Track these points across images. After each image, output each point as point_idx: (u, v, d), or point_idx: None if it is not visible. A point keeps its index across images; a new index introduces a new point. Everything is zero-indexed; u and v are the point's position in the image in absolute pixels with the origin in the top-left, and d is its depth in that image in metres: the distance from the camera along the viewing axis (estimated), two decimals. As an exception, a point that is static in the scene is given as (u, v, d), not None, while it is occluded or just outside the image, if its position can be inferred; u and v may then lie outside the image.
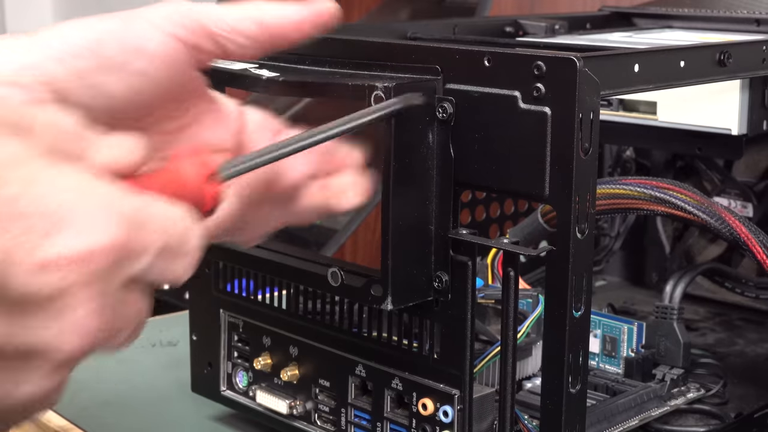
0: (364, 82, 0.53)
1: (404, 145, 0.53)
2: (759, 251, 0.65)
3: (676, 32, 0.86)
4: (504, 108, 0.52)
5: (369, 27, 0.76)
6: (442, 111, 0.54)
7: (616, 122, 0.78)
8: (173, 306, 1.38)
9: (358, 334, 0.61)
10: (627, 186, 0.67)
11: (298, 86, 0.58)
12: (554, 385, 0.52)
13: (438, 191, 0.55)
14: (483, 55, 0.53)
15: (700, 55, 0.60)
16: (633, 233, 0.94)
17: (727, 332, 0.84)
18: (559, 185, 0.51)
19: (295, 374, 0.65)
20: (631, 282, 0.96)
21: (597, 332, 0.72)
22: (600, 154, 0.95)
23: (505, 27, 0.83)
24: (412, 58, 0.56)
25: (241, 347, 0.69)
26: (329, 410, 0.64)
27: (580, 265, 0.51)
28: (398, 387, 0.59)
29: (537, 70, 0.51)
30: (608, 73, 0.53)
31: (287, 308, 0.65)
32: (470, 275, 0.55)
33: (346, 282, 0.57)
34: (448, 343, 0.56)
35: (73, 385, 0.75)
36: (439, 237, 0.55)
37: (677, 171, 0.91)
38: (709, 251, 0.91)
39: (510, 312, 0.54)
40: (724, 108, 0.72)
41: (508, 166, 0.53)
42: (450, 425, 0.57)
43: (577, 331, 0.52)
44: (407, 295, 0.55)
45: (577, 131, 0.50)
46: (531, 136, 0.51)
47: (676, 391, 0.69)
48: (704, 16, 0.86)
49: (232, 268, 0.67)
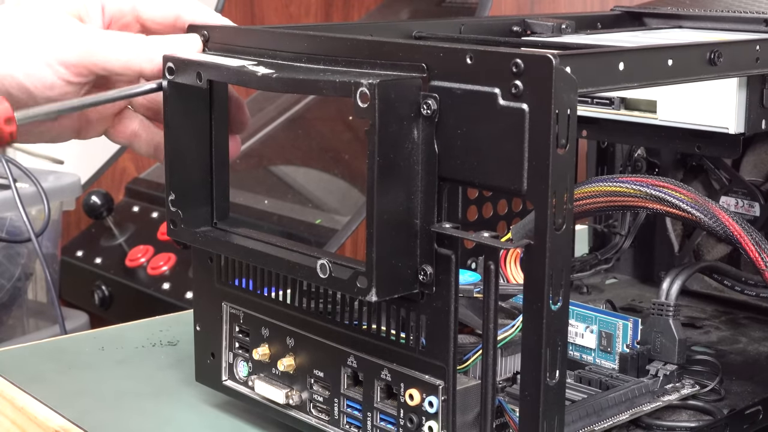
0: (351, 79, 0.55)
1: (389, 141, 0.55)
2: (751, 249, 0.65)
3: (686, 32, 0.86)
4: (485, 105, 0.53)
5: (375, 25, 0.77)
6: (427, 107, 0.55)
7: (617, 121, 0.79)
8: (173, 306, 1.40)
9: (350, 325, 0.63)
10: (623, 184, 0.68)
11: (290, 82, 0.60)
12: (532, 376, 0.54)
13: (422, 186, 0.56)
14: (465, 53, 0.54)
15: (689, 54, 0.61)
16: (643, 231, 0.95)
17: (731, 330, 0.85)
18: (536, 181, 0.52)
19: (291, 365, 0.67)
20: (641, 280, 0.97)
21: (594, 328, 0.73)
22: (612, 153, 0.96)
23: (513, 26, 0.84)
24: (399, 56, 0.57)
25: (242, 338, 0.70)
26: (323, 400, 0.65)
27: (558, 259, 0.52)
28: (387, 378, 0.61)
29: (515, 68, 0.52)
30: (589, 71, 0.54)
31: (284, 299, 0.67)
32: (454, 268, 0.56)
33: (334, 274, 0.58)
34: (433, 335, 0.58)
35: (74, 385, 0.78)
36: (423, 231, 0.56)
37: (687, 170, 0.91)
38: (717, 250, 0.91)
39: (491, 304, 0.55)
40: (721, 107, 0.72)
41: (488, 162, 0.54)
42: (435, 415, 0.58)
43: (554, 324, 0.53)
44: (392, 287, 0.57)
45: (554, 127, 0.51)
46: (510, 132, 0.52)
47: (670, 387, 0.69)
48: (715, 16, 0.87)
49: (233, 261, 0.69)
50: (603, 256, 0.93)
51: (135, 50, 0.68)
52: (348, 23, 1.16)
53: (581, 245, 0.98)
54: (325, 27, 0.92)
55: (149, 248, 1.56)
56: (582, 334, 0.74)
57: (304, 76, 0.59)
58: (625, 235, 0.94)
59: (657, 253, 0.95)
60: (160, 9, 0.72)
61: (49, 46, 0.68)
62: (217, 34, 0.69)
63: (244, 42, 0.67)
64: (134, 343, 0.87)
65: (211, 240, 0.68)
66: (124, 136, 0.74)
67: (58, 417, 0.73)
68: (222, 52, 0.68)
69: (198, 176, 0.70)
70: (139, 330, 0.91)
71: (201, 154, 0.69)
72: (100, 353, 0.85)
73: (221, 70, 0.64)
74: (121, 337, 0.89)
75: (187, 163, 0.69)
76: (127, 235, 1.62)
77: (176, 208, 0.69)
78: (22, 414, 0.75)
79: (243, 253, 0.66)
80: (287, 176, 1.57)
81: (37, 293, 1.57)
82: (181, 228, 0.69)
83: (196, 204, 0.70)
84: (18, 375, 0.80)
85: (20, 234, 1.41)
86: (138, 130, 0.74)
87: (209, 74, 0.65)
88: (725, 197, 0.88)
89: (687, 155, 0.90)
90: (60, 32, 0.68)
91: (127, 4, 0.72)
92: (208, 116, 0.69)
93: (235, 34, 0.68)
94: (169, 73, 0.67)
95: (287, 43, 0.64)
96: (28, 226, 1.30)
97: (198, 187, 0.70)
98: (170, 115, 0.68)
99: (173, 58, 0.67)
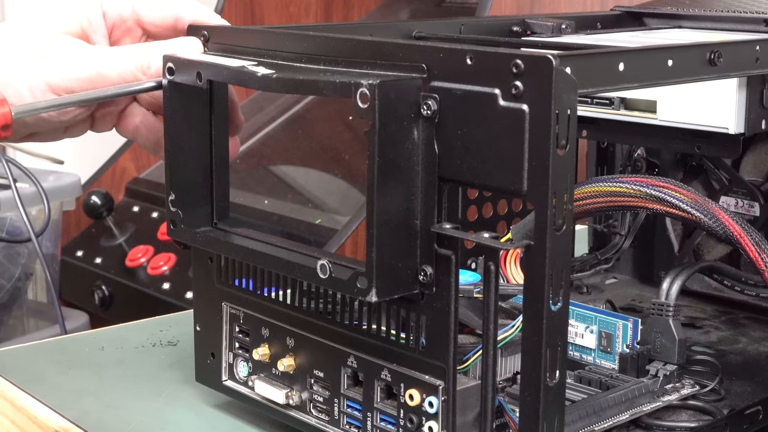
0: (351, 79, 0.55)
1: (389, 141, 0.55)
2: (751, 249, 0.66)
3: (685, 32, 0.86)
4: (485, 105, 0.53)
5: (375, 25, 0.77)
6: (427, 108, 0.55)
7: (617, 121, 0.79)
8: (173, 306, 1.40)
9: (350, 326, 0.63)
10: (623, 184, 0.69)
11: (290, 83, 0.60)
12: (532, 377, 0.54)
13: (422, 186, 0.56)
14: (465, 54, 0.54)
15: (689, 54, 0.61)
16: (643, 231, 0.95)
17: (731, 330, 0.85)
18: (536, 181, 0.52)
19: (291, 365, 0.67)
20: (641, 280, 0.97)
21: (594, 328, 0.73)
22: (612, 153, 0.96)
23: (513, 26, 0.84)
24: (399, 57, 0.57)
25: (242, 338, 0.70)
26: (323, 400, 0.65)
27: (558, 259, 0.53)
28: (387, 378, 0.61)
29: (515, 69, 0.52)
30: (589, 72, 0.54)
31: (284, 300, 0.67)
32: (454, 269, 0.56)
33: (334, 274, 0.58)
34: (433, 335, 0.58)
35: (74, 385, 0.78)
36: (423, 231, 0.57)
37: (687, 170, 0.91)
38: (717, 250, 0.91)
39: (491, 305, 0.55)
40: (720, 107, 0.72)
41: (488, 163, 0.54)
42: (435, 416, 0.58)
43: (554, 324, 0.53)
44: (392, 288, 0.57)
45: (554, 128, 0.51)
46: (510, 132, 0.52)
47: (670, 387, 0.69)
48: (715, 16, 0.87)
49: (233, 261, 0.69)
50: (603, 256, 0.93)
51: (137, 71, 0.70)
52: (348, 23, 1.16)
53: (581, 245, 0.98)
54: (325, 27, 0.92)
55: (149, 248, 1.56)
56: (582, 335, 0.74)
57: (304, 77, 0.59)
58: (625, 235, 0.94)
59: (657, 253, 0.95)
60: (160, 11, 0.73)
61: (57, 76, 0.69)
62: (217, 34, 0.69)
63: (244, 42, 0.67)
64: (134, 343, 0.87)
65: (211, 240, 0.68)
66: (128, 130, 0.75)
67: (58, 417, 0.73)
68: (222, 52, 0.68)
69: (198, 176, 0.70)
70: (139, 330, 0.91)
71: (201, 154, 0.69)
72: (100, 353, 0.85)
73: (221, 71, 0.64)
74: (121, 337, 0.89)
75: (187, 163, 0.69)
76: (127, 235, 1.62)
77: (176, 208, 0.69)
78: (22, 414, 0.75)
79: (243, 253, 0.66)
80: (287, 176, 1.57)
81: (37, 293, 1.57)
82: (181, 228, 0.69)
83: (196, 204, 0.70)
84: (18, 375, 0.80)
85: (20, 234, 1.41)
86: (139, 125, 0.74)
87: (209, 74, 0.65)
88: (725, 197, 0.88)
89: (687, 155, 0.90)
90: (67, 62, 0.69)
91: (127, 9, 0.73)
92: (208, 116, 0.69)
93: (235, 34, 0.68)
94: (169, 73, 0.67)
95: (287, 44, 0.64)
96: (28, 226, 1.31)
97: (198, 187, 0.70)
98: (170, 115, 0.68)
99: (173, 58, 0.67)
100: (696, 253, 0.92)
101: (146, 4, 0.73)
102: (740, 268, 0.84)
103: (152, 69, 0.69)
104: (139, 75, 0.69)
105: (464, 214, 0.84)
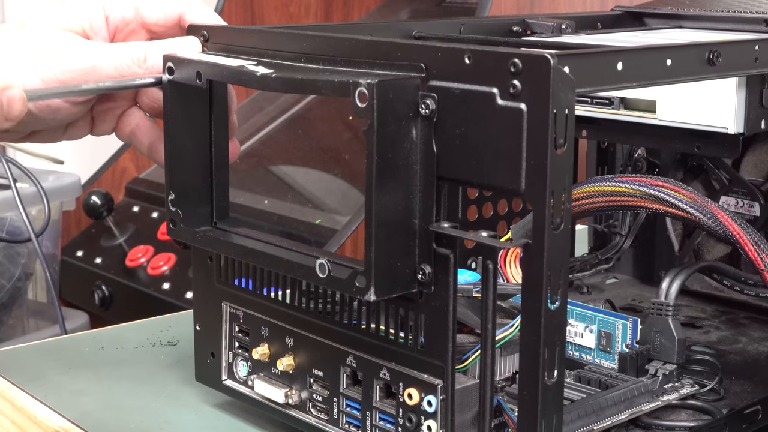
0: (349, 79, 0.55)
1: (388, 140, 0.55)
2: (751, 249, 0.66)
3: (685, 32, 0.86)
4: (483, 104, 0.53)
5: (375, 25, 0.77)
6: (425, 107, 0.55)
7: (617, 121, 0.79)
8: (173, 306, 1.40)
9: (349, 325, 0.63)
10: (623, 184, 0.69)
11: (289, 82, 0.60)
12: (531, 376, 0.54)
13: (421, 185, 0.56)
14: (464, 53, 0.54)
15: (688, 54, 0.61)
16: (643, 231, 0.95)
17: (731, 330, 0.85)
18: (534, 180, 0.52)
19: (290, 364, 0.67)
20: (642, 280, 0.97)
21: (593, 328, 0.73)
22: (612, 153, 0.96)
23: (513, 26, 0.85)
24: (398, 56, 0.57)
25: (242, 338, 0.70)
26: (322, 399, 0.65)
27: (556, 259, 0.53)
28: (386, 377, 0.61)
29: (513, 68, 0.52)
30: (588, 71, 0.54)
31: (283, 299, 0.67)
32: (452, 268, 0.56)
33: (333, 273, 0.58)
34: (432, 334, 0.58)
35: (74, 385, 0.78)
36: (422, 230, 0.57)
37: (687, 170, 0.91)
38: (717, 249, 0.91)
39: (489, 304, 0.55)
40: (720, 107, 0.72)
41: (486, 162, 0.54)
42: (434, 415, 0.58)
43: (553, 323, 0.53)
44: (390, 287, 0.57)
45: (551, 127, 0.51)
46: (508, 131, 0.52)
47: (669, 387, 0.69)
48: (714, 16, 0.87)
49: (233, 260, 0.69)
50: (603, 256, 0.93)
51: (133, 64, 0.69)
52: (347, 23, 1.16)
53: (581, 245, 0.98)
54: (325, 27, 0.92)
55: (149, 248, 1.56)
56: (581, 334, 0.74)
57: (303, 76, 0.59)
58: (625, 235, 0.94)
59: (657, 253, 0.95)
60: (163, 11, 0.72)
61: (51, 69, 0.68)
62: (217, 34, 0.69)
63: (244, 42, 0.67)
64: (134, 343, 0.87)
65: (211, 240, 0.68)
66: (125, 133, 0.75)
67: (58, 417, 0.73)
68: (221, 52, 0.68)
69: (198, 176, 0.70)
70: (139, 330, 0.91)
71: (201, 153, 0.70)
72: (100, 353, 0.85)
73: (221, 70, 0.65)
74: (121, 337, 0.89)
75: (187, 163, 0.69)
76: (127, 235, 1.62)
77: (176, 208, 0.69)
78: (22, 414, 0.75)
79: (243, 253, 0.66)
80: (287, 176, 1.57)
81: (37, 293, 1.57)
82: (181, 228, 0.69)
83: (196, 204, 0.70)
84: (18, 375, 0.80)
85: (20, 234, 1.41)
86: (135, 128, 0.74)
87: (209, 74, 0.65)
88: (725, 197, 0.88)
89: (687, 155, 0.90)
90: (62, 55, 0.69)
91: (130, 11, 0.72)
92: (208, 116, 0.69)
93: (235, 34, 0.68)
94: (169, 73, 0.67)
95: (287, 43, 0.64)
96: (28, 226, 1.31)
97: (198, 187, 0.70)
98: (170, 115, 0.68)
99: (173, 58, 0.67)
100: (696, 253, 0.92)
101: (149, 4, 0.73)
102: (740, 268, 0.84)
103: (148, 62, 0.69)
104: (135, 68, 0.69)
105: (464, 214, 0.84)
